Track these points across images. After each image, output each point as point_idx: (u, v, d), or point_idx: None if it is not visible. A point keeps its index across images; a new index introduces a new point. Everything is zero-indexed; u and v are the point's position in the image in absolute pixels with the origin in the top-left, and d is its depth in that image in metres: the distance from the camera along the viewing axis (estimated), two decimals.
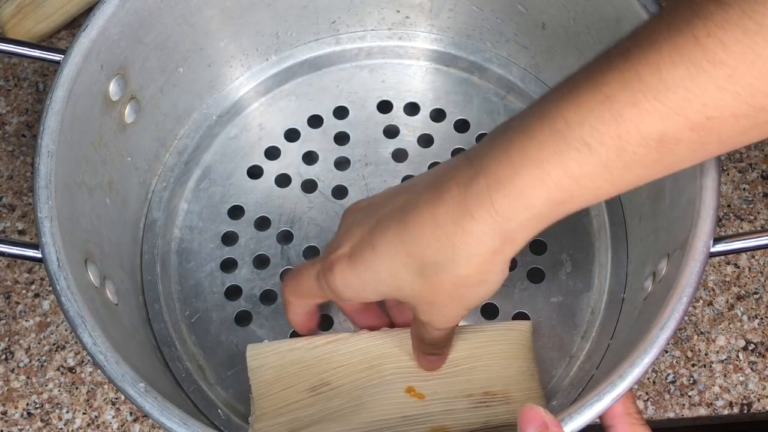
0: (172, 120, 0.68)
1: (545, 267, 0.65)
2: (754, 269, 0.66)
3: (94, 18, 0.56)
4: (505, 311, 0.63)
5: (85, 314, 0.49)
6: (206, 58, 0.67)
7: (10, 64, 0.76)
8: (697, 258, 0.50)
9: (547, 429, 0.45)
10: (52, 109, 0.54)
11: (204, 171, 0.69)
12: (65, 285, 0.50)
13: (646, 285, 0.57)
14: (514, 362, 0.59)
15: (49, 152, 0.53)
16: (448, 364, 0.59)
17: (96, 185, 0.58)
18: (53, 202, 0.52)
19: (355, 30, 0.72)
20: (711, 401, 0.62)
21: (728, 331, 0.64)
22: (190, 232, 0.67)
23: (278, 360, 0.60)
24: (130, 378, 0.48)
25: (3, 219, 0.69)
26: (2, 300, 0.67)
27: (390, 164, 0.69)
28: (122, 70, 0.60)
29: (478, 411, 0.57)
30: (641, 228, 0.61)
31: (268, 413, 0.58)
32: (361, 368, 0.59)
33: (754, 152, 0.70)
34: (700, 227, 0.51)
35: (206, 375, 0.62)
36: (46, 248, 0.51)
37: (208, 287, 0.65)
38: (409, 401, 0.58)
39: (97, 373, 0.65)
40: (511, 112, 0.70)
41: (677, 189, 0.55)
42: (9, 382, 0.65)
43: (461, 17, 0.70)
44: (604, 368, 0.59)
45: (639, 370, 0.47)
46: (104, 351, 0.49)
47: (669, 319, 0.48)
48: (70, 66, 0.55)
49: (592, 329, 0.62)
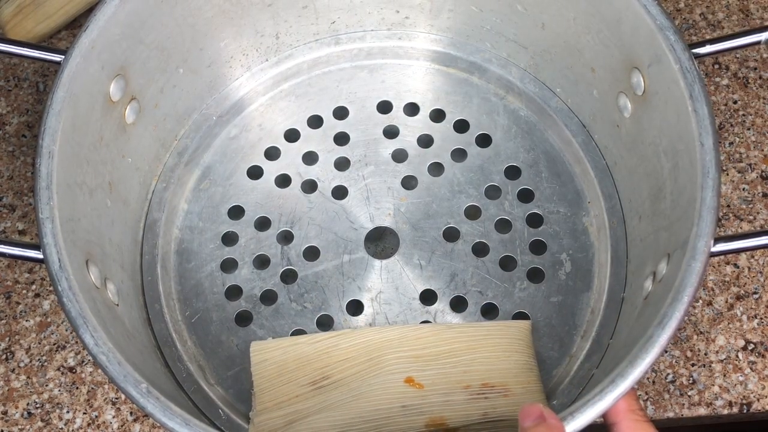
0: (172, 120, 0.68)
1: (545, 267, 0.65)
2: (753, 269, 0.66)
3: (95, 18, 0.56)
4: (505, 311, 0.63)
5: (87, 315, 0.49)
6: (206, 59, 0.67)
7: (10, 65, 0.76)
8: (698, 258, 0.50)
9: (545, 421, 0.46)
10: (53, 109, 0.54)
11: (204, 171, 0.69)
12: (67, 286, 0.50)
13: (646, 285, 0.57)
14: (512, 355, 0.60)
15: (50, 153, 0.53)
16: (447, 355, 0.60)
17: (96, 186, 0.58)
18: (54, 202, 0.52)
19: (355, 30, 0.72)
20: (710, 401, 0.62)
21: (728, 330, 0.65)
22: (191, 233, 0.67)
23: (280, 355, 0.60)
24: (133, 379, 0.48)
25: (3, 219, 0.69)
26: (3, 300, 0.67)
27: (390, 164, 0.69)
28: (123, 71, 0.60)
29: (476, 402, 0.58)
30: (641, 228, 0.61)
31: (268, 407, 0.59)
32: (360, 360, 0.60)
33: (753, 152, 0.70)
34: (701, 227, 0.51)
35: (207, 375, 0.62)
36: (47, 249, 0.51)
37: (208, 287, 0.65)
38: (408, 391, 0.58)
39: (98, 373, 0.65)
40: (510, 113, 0.70)
41: (678, 189, 0.55)
42: (9, 382, 0.65)
43: (461, 17, 0.70)
44: (605, 367, 0.59)
45: (640, 369, 0.47)
46: (106, 352, 0.49)
47: (670, 319, 0.48)
48: (71, 66, 0.55)
49: (592, 329, 0.62)
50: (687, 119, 0.54)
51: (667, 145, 0.57)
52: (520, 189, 0.67)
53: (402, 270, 0.65)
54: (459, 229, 0.66)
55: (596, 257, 0.65)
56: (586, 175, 0.67)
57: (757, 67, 0.73)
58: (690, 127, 0.54)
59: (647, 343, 0.48)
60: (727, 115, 0.72)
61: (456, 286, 0.64)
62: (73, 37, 0.76)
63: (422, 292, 0.64)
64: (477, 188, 0.68)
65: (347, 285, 0.64)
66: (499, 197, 0.67)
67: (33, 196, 0.52)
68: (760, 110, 0.72)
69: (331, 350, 0.61)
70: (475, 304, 0.64)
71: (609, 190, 0.66)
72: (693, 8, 0.77)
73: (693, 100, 0.54)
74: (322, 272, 0.65)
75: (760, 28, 0.57)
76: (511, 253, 0.65)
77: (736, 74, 0.73)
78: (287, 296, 0.64)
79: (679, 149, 0.55)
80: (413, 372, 0.59)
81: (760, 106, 0.72)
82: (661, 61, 0.56)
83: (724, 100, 0.72)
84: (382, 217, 0.67)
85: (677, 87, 0.55)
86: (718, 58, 0.74)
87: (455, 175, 0.68)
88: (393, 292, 0.64)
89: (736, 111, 0.72)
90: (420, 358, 0.60)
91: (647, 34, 0.57)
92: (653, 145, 0.59)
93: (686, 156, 0.54)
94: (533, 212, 0.66)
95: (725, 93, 0.73)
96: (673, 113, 0.56)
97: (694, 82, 0.54)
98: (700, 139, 0.53)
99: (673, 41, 0.55)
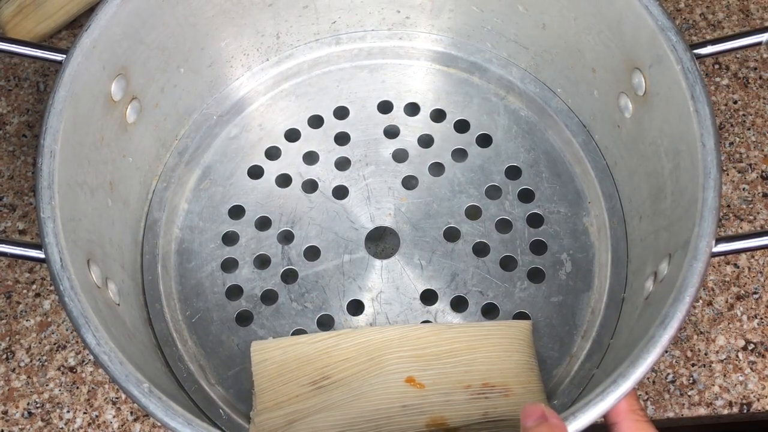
0: (172, 120, 0.67)
1: (545, 267, 0.65)
2: (753, 269, 0.66)
3: (96, 18, 0.56)
4: (506, 311, 0.63)
5: (89, 314, 0.49)
6: (207, 59, 0.67)
7: (10, 64, 0.76)
8: (700, 258, 0.50)
9: (547, 421, 0.46)
10: (54, 109, 0.54)
11: (204, 171, 0.69)
12: (68, 285, 0.50)
13: (647, 285, 0.57)
14: (513, 355, 0.60)
15: (52, 152, 0.53)
16: (447, 354, 0.60)
17: (98, 185, 0.58)
18: (56, 202, 0.52)
19: (356, 30, 0.72)
20: (711, 401, 0.63)
21: (728, 330, 0.65)
22: (191, 232, 0.67)
23: (281, 355, 0.60)
24: (134, 379, 0.48)
25: (4, 219, 0.69)
26: (3, 300, 0.67)
27: (390, 164, 0.69)
28: (124, 71, 0.60)
29: (477, 402, 0.58)
30: (642, 228, 0.61)
31: (269, 407, 0.59)
32: (361, 360, 0.60)
33: (753, 152, 0.70)
34: (702, 227, 0.51)
35: (207, 375, 0.62)
36: (49, 248, 0.51)
37: (209, 287, 0.65)
38: (409, 391, 0.58)
39: (98, 373, 0.65)
40: (510, 113, 0.70)
41: (679, 189, 0.55)
42: (10, 382, 0.64)
43: (461, 18, 0.70)
44: (605, 367, 0.59)
45: (641, 369, 0.47)
46: (108, 351, 0.49)
47: (671, 319, 0.48)
48: (72, 66, 0.55)
49: (592, 329, 0.62)
50: (688, 120, 0.54)
51: (669, 145, 0.57)
52: (521, 189, 0.67)
53: (402, 270, 0.65)
54: (459, 229, 0.66)
55: (597, 257, 0.65)
56: (586, 175, 0.67)
57: (757, 67, 0.73)
58: (691, 127, 0.54)
59: (649, 343, 0.48)
60: (728, 115, 0.72)
61: (456, 286, 0.64)
62: (73, 37, 0.76)
63: (423, 292, 0.64)
64: (477, 188, 0.68)
65: (348, 285, 0.64)
66: (499, 197, 0.67)
67: (34, 195, 0.52)
68: (760, 110, 0.72)
69: (331, 350, 0.61)
70: (476, 304, 0.64)
71: (609, 190, 0.66)
72: (693, 8, 0.77)
73: (695, 101, 0.54)
74: (323, 272, 0.65)
75: (761, 29, 0.57)
76: (512, 253, 0.65)
77: (737, 74, 0.73)
78: (288, 296, 0.64)
79: (681, 149, 0.55)
80: (414, 372, 0.59)
81: (760, 106, 0.72)
82: (662, 61, 0.56)
83: (724, 100, 0.73)
84: (382, 217, 0.67)
85: (679, 88, 0.55)
86: (719, 58, 0.74)
87: (456, 175, 0.68)
88: (393, 292, 0.64)
89: (737, 111, 0.72)
90: (421, 357, 0.60)
91: (648, 34, 0.57)
92: (654, 146, 0.59)
93: (687, 156, 0.54)
94: (534, 212, 0.66)
95: (725, 93, 0.73)
96: (675, 114, 0.56)
97: (695, 83, 0.54)
98: (702, 140, 0.53)
99: (674, 42, 0.55)
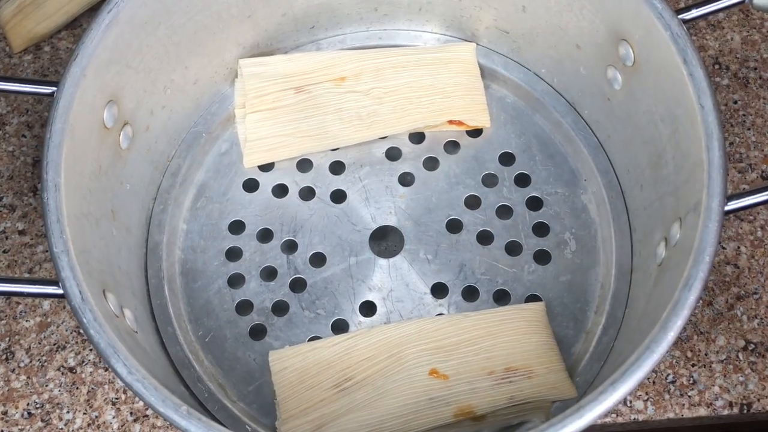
0: (163, 142, 0.67)
1: (550, 248, 0.65)
2: (753, 269, 0.66)
3: (83, 45, 0.56)
4: (517, 295, 0.64)
5: (116, 344, 0.49)
6: (191, 76, 0.67)
7: (10, 65, 0.75)
8: (714, 217, 0.51)
9: None
10: (52, 142, 0.53)
11: (199, 189, 0.68)
12: (92, 317, 0.49)
13: (659, 251, 0.58)
14: (532, 337, 0.60)
15: (56, 185, 0.52)
16: (467, 343, 0.60)
17: (101, 215, 0.58)
18: (67, 235, 0.51)
19: (335, 33, 0.72)
20: (711, 401, 0.62)
21: (728, 331, 0.65)
22: (193, 252, 0.66)
23: (300, 362, 0.60)
24: (172, 403, 0.47)
25: (3, 219, 0.68)
26: (3, 300, 0.66)
27: (385, 163, 0.69)
28: (114, 96, 0.59)
29: (501, 387, 0.58)
30: (643, 196, 0.62)
31: (294, 414, 0.59)
32: (381, 358, 0.60)
33: (753, 152, 0.70)
34: (712, 188, 0.51)
35: (228, 393, 0.61)
36: (66, 283, 0.50)
37: (218, 305, 0.64)
38: (434, 383, 0.58)
39: (98, 373, 0.64)
40: (496, 101, 0.70)
41: (681, 154, 0.56)
42: (9, 382, 0.64)
43: (439, 8, 0.70)
44: (624, 339, 0.60)
45: (673, 333, 0.48)
46: (140, 379, 0.48)
47: (695, 280, 0.49)
48: (66, 97, 0.54)
49: (604, 303, 0.63)
50: (683, 84, 0.55)
51: (664, 111, 0.58)
52: (517, 174, 0.68)
53: (410, 266, 0.65)
54: (461, 220, 0.66)
55: (599, 232, 0.65)
56: (579, 154, 0.68)
57: (757, 67, 0.74)
58: (687, 91, 0.54)
59: (676, 306, 0.48)
60: (728, 115, 0.72)
61: (465, 277, 0.64)
62: (73, 36, 0.76)
63: (433, 285, 0.64)
64: (474, 178, 0.68)
65: (357, 287, 0.64)
66: (496, 184, 0.68)
67: (45, 232, 0.51)
68: (760, 110, 0.72)
69: (350, 351, 0.60)
70: (487, 292, 0.64)
71: (604, 166, 0.67)
72: None
73: (687, 65, 0.54)
74: (331, 277, 0.65)
75: None
76: (516, 238, 0.66)
77: (737, 74, 0.74)
78: (299, 305, 0.64)
79: (678, 114, 0.56)
80: (436, 363, 0.59)
81: (760, 106, 0.72)
82: (649, 30, 0.57)
83: (724, 100, 0.73)
84: (383, 215, 0.67)
85: (669, 54, 0.55)
86: (719, 58, 0.74)
87: (450, 167, 0.68)
88: (404, 289, 0.64)
89: (737, 111, 0.72)
90: (441, 348, 0.60)
91: (632, 5, 0.57)
92: (648, 114, 0.60)
93: (686, 120, 0.55)
94: (532, 195, 0.67)
95: (725, 93, 0.73)
96: (667, 80, 0.56)
97: (686, 47, 0.55)
98: (700, 102, 0.53)
99: (660, 9, 0.56)
